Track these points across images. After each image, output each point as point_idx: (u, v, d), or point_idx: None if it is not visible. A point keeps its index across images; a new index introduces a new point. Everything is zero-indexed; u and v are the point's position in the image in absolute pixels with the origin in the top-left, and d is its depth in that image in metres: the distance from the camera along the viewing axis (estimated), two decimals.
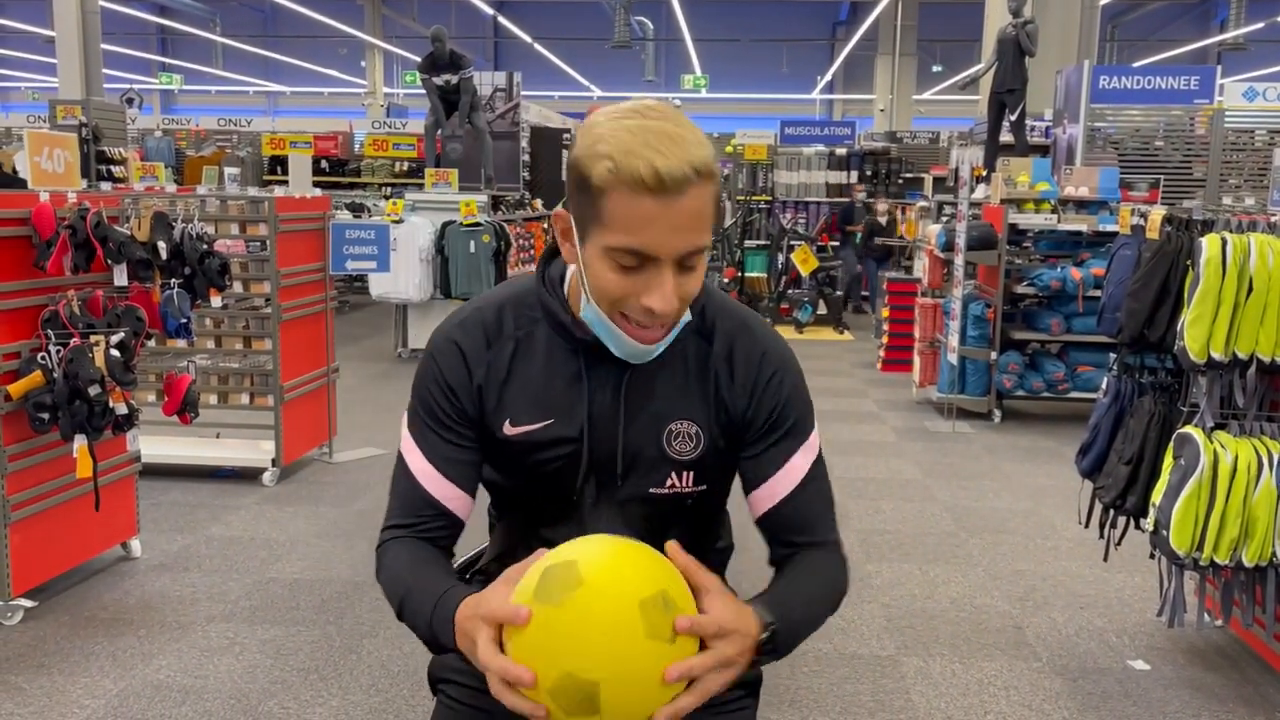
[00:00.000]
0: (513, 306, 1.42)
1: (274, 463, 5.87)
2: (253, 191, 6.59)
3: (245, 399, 5.98)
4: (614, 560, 1.18)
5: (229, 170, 10.69)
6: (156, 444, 5.91)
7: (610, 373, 1.39)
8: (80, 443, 3.97)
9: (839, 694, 3.55)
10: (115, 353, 3.98)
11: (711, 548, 1.60)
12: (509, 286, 1.46)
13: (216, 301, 4.78)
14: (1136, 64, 24.85)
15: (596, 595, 1.12)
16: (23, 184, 6.09)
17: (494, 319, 1.41)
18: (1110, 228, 7.53)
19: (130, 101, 15.56)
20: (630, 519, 1.43)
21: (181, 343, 5.12)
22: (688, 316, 1.37)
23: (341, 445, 6.56)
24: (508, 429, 1.39)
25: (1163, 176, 9.39)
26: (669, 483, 1.43)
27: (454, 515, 1.43)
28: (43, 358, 3.89)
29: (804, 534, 1.49)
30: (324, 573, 4.56)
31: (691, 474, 1.43)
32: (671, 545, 1.23)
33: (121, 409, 4.10)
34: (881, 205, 13.75)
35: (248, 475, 5.92)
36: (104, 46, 15.11)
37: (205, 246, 4.55)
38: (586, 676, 1.10)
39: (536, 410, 1.39)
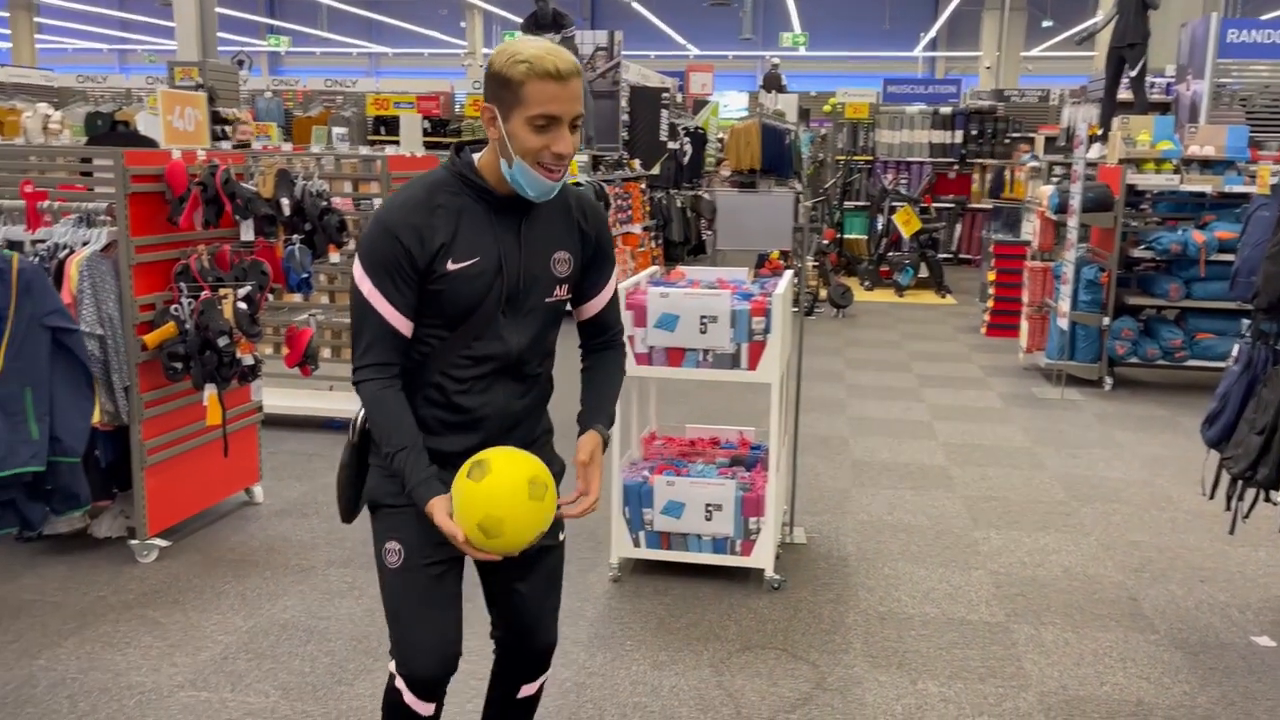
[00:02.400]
0: (434, 188, 2.03)
1: None
2: (364, 150, 6.73)
3: None
4: (507, 458, 1.96)
5: (336, 130, 10.91)
6: (273, 395, 6.13)
7: (510, 224, 2.06)
8: (210, 391, 4.14)
9: (948, 659, 3.53)
10: (243, 305, 4.13)
11: (549, 360, 2.22)
12: (423, 178, 2.06)
13: (335, 257, 4.92)
14: (1266, 16, 23.53)
15: (498, 477, 1.93)
16: (150, 142, 6.32)
17: (426, 197, 2.02)
18: (1237, 188, 7.19)
19: (241, 63, 15.98)
20: (530, 324, 2.10)
21: (299, 297, 5.28)
22: (567, 175, 2.05)
23: None
24: (450, 265, 2.00)
25: None
26: (556, 293, 2.13)
27: (408, 340, 2.06)
28: (176, 309, 4.06)
29: (610, 332, 2.28)
30: None
31: (566, 286, 2.15)
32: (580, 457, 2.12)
33: (247, 360, 4.26)
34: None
35: None
36: (217, 10, 15.51)
37: (325, 203, 4.67)
38: (496, 515, 1.92)
39: (468, 252, 2.01)
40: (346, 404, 6.29)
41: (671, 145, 13.85)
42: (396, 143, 11.40)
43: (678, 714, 3.16)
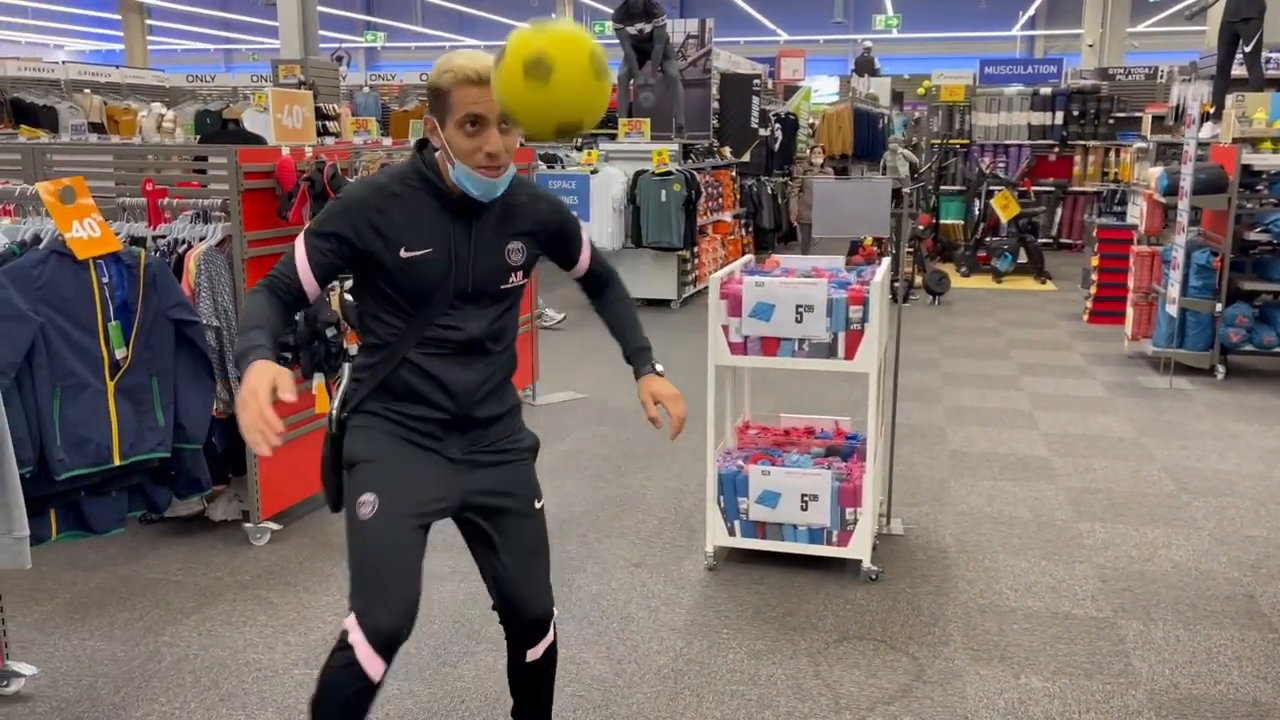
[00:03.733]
0: (396, 179, 2.22)
1: None
2: None
3: None
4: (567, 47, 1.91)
5: None
6: None
7: (464, 220, 2.24)
8: (319, 380, 4.29)
9: (1052, 653, 3.46)
10: (349, 297, 4.26)
11: (509, 339, 2.42)
12: (390, 169, 2.28)
13: None
14: None
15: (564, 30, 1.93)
16: (257, 139, 6.53)
17: (386, 183, 2.21)
18: None
19: (340, 59, 16.38)
20: (487, 309, 2.30)
21: None
22: (513, 170, 2.23)
23: (544, 389, 6.81)
24: (404, 253, 2.18)
25: None
26: (511, 279, 2.32)
27: (304, 294, 2.22)
28: None
29: (606, 278, 2.59)
30: None
31: (520, 273, 2.34)
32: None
33: (354, 350, 4.39)
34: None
35: None
36: (317, 9, 15.91)
37: None
38: (550, 53, 1.89)
39: (422, 242, 2.19)
40: None
41: (762, 132, 13.76)
42: None
43: (775, 703, 3.17)
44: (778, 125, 14.48)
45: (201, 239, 4.11)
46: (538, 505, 2.46)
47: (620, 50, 11.33)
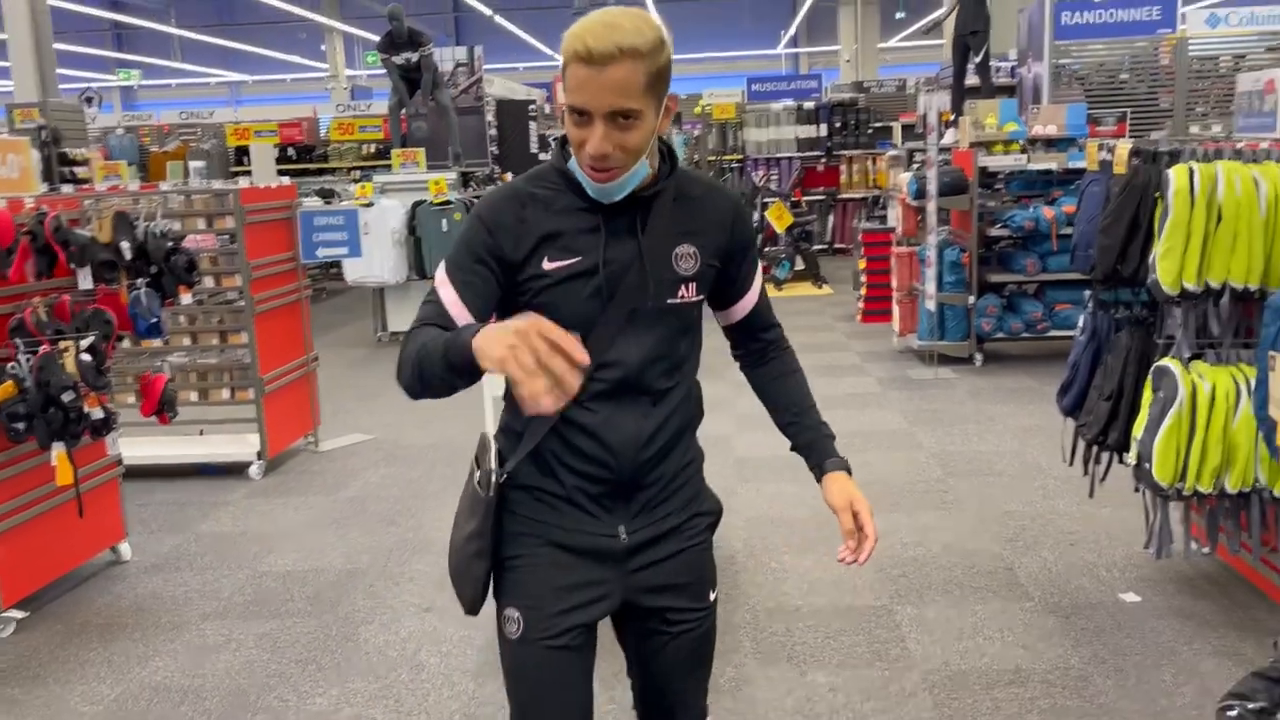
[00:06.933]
0: (535, 181, 1.79)
1: (259, 455, 5.84)
2: (217, 184, 6.50)
3: (226, 394, 5.94)
4: None
5: (194, 164, 10.54)
6: (140, 445, 5.87)
7: (623, 222, 1.76)
8: (58, 450, 3.94)
9: (835, 646, 3.58)
10: (86, 357, 3.93)
11: (694, 369, 1.99)
12: (530, 172, 1.83)
13: (187, 298, 4.73)
14: None
15: None
16: None
17: (524, 189, 1.78)
18: (1080, 164, 7.52)
19: (89, 100, 15.30)
20: (651, 332, 1.80)
21: (156, 342, 5.06)
22: (645, 169, 1.73)
23: (327, 433, 6.53)
24: (546, 265, 1.74)
25: (1129, 109, 9.38)
26: (680, 293, 1.82)
27: None
28: (13, 367, 3.84)
29: (768, 328, 2.06)
30: (317, 563, 4.55)
31: (694, 285, 1.83)
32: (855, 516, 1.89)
33: (98, 413, 4.06)
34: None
35: (234, 470, 5.90)
36: (57, 46, 14.79)
37: (170, 244, 4.49)
38: None
39: (566, 250, 1.74)
40: (218, 448, 6.06)
41: (543, 156, 13.80)
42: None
43: None
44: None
45: None
46: (711, 598, 1.99)
47: (389, 81, 11.11)
